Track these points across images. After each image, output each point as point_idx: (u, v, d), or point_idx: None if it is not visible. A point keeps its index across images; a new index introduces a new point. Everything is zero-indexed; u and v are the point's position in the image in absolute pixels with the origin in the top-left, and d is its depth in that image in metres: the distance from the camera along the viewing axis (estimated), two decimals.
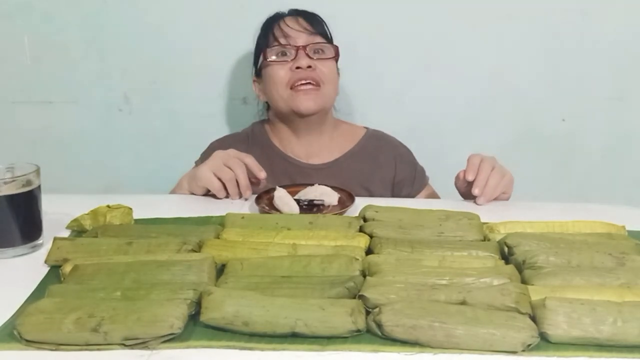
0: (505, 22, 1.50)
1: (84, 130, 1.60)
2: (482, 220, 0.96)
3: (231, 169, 1.09)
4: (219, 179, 1.10)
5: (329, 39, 1.30)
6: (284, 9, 1.31)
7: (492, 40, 1.51)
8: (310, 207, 1.06)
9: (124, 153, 1.62)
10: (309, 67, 1.23)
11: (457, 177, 1.13)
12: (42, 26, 1.52)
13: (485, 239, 0.90)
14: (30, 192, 0.87)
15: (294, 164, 1.31)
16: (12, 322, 0.67)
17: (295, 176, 1.28)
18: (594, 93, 1.55)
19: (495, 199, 1.10)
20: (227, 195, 1.11)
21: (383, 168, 1.33)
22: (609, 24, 1.49)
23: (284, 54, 1.25)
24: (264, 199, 1.06)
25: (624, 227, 0.93)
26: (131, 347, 0.64)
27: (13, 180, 0.87)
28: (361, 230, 0.92)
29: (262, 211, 1.02)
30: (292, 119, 1.28)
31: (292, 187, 1.10)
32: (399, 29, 1.49)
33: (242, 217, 0.94)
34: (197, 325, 0.67)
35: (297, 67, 1.23)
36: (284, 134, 1.33)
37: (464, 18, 1.50)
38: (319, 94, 1.24)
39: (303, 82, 1.23)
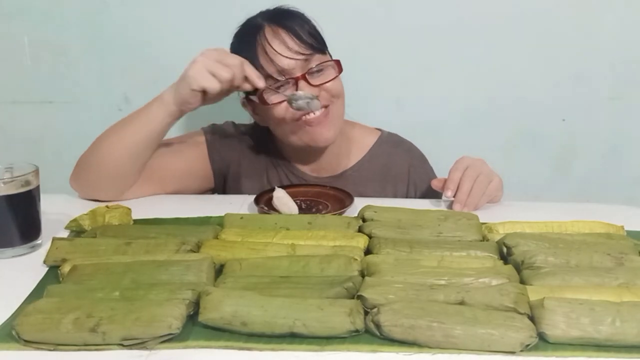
0: (505, 22, 1.49)
1: (84, 130, 1.59)
2: (481, 221, 0.96)
3: (229, 68, 0.96)
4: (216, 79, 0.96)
5: (322, 50, 1.12)
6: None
7: (492, 41, 1.51)
8: (309, 207, 1.06)
9: None
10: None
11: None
12: (42, 26, 1.52)
13: (484, 239, 0.90)
14: (29, 192, 0.87)
15: (300, 177, 1.21)
16: (10, 322, 0.68)
17: None
18: (594, 93, 1.55)
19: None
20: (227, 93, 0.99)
21: (395, 181, 1.23)
22: (609, 24, 1.49)
23: (280, 86, 1.08)
24: (263, 199, 1.06)
25: (622, 227, 0.93)
26: (129, 347, 0.64)
27: (12, 181, 0.87)
28: (360, 230, 0.92)
29: (261, 211, 1.02)
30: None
31: (292, 188, 1.10)
32: (399, 29, 1.49)
33: (241, 218, 0.95)
34: (195, 326, 0.67)
35: None
36: (288, 147, 1.20)
37: (464, 18, 1.49)
38: (330, 117, 1.10)
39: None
